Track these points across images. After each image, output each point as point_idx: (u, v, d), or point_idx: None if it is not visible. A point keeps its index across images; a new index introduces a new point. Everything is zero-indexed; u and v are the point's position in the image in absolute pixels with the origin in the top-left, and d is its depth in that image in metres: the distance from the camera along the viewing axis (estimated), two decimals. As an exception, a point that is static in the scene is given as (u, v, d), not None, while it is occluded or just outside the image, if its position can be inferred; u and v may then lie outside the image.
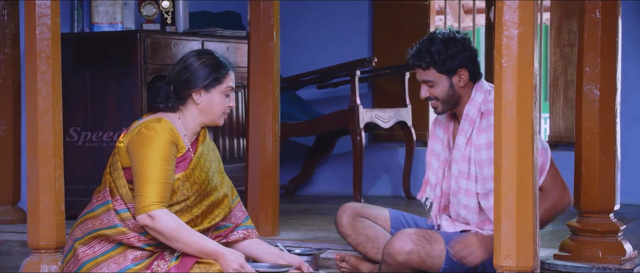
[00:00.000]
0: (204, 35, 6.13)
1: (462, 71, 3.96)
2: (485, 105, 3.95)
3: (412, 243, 3.82)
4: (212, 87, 3.69)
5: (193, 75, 3.67)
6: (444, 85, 3.97)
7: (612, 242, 4.27)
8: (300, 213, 6.22)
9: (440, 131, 4.14)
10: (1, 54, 5.52)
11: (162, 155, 3.55)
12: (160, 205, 3.53)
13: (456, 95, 3.99)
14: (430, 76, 3.97)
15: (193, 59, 3.70)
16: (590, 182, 4.26)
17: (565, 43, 7.03)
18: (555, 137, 7.13)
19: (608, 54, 4.24)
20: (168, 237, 3.53)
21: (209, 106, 3.70)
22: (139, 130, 3.59)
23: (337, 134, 7.21)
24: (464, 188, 3.96)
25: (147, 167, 3.52)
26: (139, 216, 3.53)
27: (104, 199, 3.64)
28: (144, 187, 3.51)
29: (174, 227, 3.53)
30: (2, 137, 5.53)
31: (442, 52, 3.93)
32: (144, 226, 3.54)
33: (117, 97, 5.67)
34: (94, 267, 3.55)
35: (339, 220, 4.27)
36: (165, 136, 3.57)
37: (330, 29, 7.53)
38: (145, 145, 3.55)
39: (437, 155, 4.13)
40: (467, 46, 3.98)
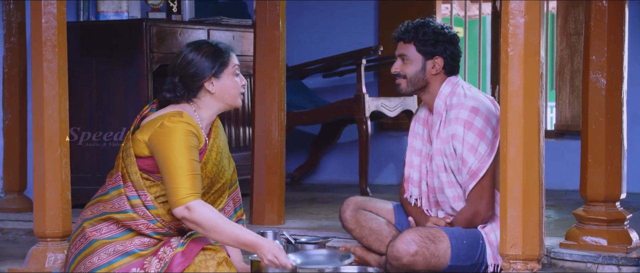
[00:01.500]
0: (210, 23, 6.12)
1: (438, 59, 4.01)
2: (450, 99, 3.97)
3: (416, 245, 3.81)
4: (221, 72, 3.72)
5: (199, 68, 3.70)
6: (417, 65, 4.01)
7: (618, 230, 4.27)
8: (306, 201, 6.22)
9: (419, 126, 4.15)
10: (7, 43, 5.52)
11: (188, 147, 3.58)
12: (195, 196, 3.55)
13: (424, 80, 4.02)
14: (408, 51, 4.02)
15: (193, 54, 3.73)
16: (596, 170, 4.25)
17: (571, 31, 7.01)
18: (561, 125, 7.12)
19: (615, 43, 4.23)
20: (206, 228, 3.55)
21: (224, 91, 3.74)
22: (161, 124, 3.60)
23: (343, 123, 7.20)
24: (446, 181, 3.96)
25: (176, 160, 3.55)
26: (175, 209, 3.55)
27: (116, 183, 3.66)
28: (176, 181, 3.54)
29: (212, 217, 3.56)
30: (8, 126, 5.54)
31: (428, 33, 4.00)
32: (182, 218, 3.56)
33: (123, 86, 5.68)
34: (100, 247, 3.56)
35: (343, 215, 4.27)
36: (188, 128, 3.60)
37: (336, 18, 7.52)
38: (170, 139, 3.57)
39: (418, 152, 4.14)
40: (453, 42, 4.04)
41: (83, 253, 3.58)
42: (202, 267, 3.51)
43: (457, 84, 4.01)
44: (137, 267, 3.53)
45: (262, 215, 5.02)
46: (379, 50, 6.57)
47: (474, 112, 3.88)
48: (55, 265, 4.26)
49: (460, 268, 3.88)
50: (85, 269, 3.54)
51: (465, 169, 3.87)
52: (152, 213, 3.61)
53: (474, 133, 3.86)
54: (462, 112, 3.89)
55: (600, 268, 4.15)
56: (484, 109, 3.90)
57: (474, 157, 3.85)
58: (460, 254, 3.85)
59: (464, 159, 3.86)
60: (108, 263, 3.53)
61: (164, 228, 3.63)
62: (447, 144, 3.92)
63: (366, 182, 6.42)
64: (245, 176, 5.46)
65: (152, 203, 3.61)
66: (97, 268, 3.52)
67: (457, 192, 3.95)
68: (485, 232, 3.92)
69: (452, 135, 3.89)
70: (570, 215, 4.53)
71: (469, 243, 3.87)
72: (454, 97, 3.95)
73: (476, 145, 3.85)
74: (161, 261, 3.52)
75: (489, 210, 3.90)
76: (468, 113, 3.88)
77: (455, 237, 3.86)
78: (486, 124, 3.87)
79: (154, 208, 3.62)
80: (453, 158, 3.90)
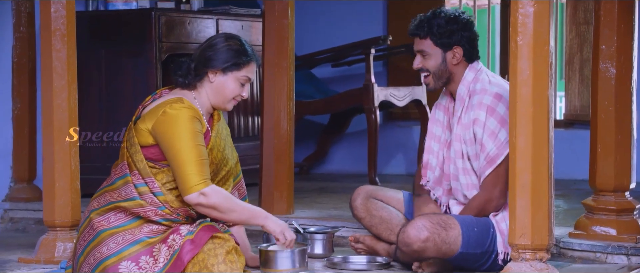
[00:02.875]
0: (219, 13, 6.12)
1: (457, 49, 3.98)
2: (474, 84, 3.96)
3: (427, 231, 3.81)
4: (230, 71, 3.74)
5: (215, 55, 3.72)
6: (436, 58, 3.99)
7: (628, 220, 4.26)
8: (314, 191, 6.23)
9: (440, 113, 4.13)
10: (16, 32, 5.53)
11: (193, 133, 3.59)
12: (207, 182, 3.59)
13: (448, 72, 4.00)
14: (426, 47, 4.00)
15: (220, 39, 3.77)
16: (605, 160, 4.25)
17: (581, 21, 7.00)
18: (570, 115, 7.11)
19: (624, 32, 4.22)
20: (224, 209, 3.61)
21: (221, 88, 3.74)
22: (163, 112, 3.61)
23: (351, 113, 7.20)
24: (461, 167, 3.96)
25: (182, 147, 3.57)
26: (189, 196, 3.57)
27: (123, 172, 3.67)
28: (185, 168, 3.56)
29: (226, 196, 3.64)
30: (17, 115, 5.55)
31: (442, 25, 3.97)
32: (197, 205, 3.59)
33: (132, 76, 5.68)
34: (109, 237, 3.57)
35: (353, 204, 4.28)
36: (191, 113, 3.61)
37: (345, 7, 7.51)
38: (174, 126, 3.59)
39: (437, 138, 4.13)
40: (468, 27, 4.01)
41: (92, 244, 3.59)
42: (211, 255, 3.52)
43: (480, 71, 4.00)
44: (146, 254, 3.54)
45: (271, 205, 5.02)
46: (388, 40, 6.55)
47: (497, 99, 3.87)
48: (65, 255, 4.28)
49: (470, 256, 3.88)
50: (94, 260, 3.55)
51: (483, 155, 3.86)
52: (160, 199, 3.62)
53: (496, 119, 3.84)
54: (485, 97, 3.88)
55: (610, 258, 4.14)
56: (508, 97, 3.89)
57: (493, 143, 3.84)
58: (471, 241, 3.85)
59: (483, 144, 3.85)
60: (117, 252, 3.54)
61: (172, 215, 3.64)
62: (467, 130, 3.91)
63: (375, 172, 6.42)
64: (254, 166, 5.47)
65: (160, 189, 3.62)
66: (106, 257, 3.53)
67: (472, 179, 3.94)
68: (497, 220, 3.91)
69: (474, 120, 3.87)
70: (580, 204, 4.53)
71: (479, 231, 3.87)
72: (477, 83, 3.94)
73: (497, 132, 3.84)
74: (170, 248, 3.53)
75: (501, 197, 3.89)
76: (491, 99, 3.87)
77: (466, 225, 3.86)
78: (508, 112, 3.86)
79: (161, 194, 3.63)
80: (472, 144, 3.89)
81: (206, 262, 3.51)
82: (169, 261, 3.51)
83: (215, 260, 3.52)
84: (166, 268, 3.50)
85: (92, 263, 3.55)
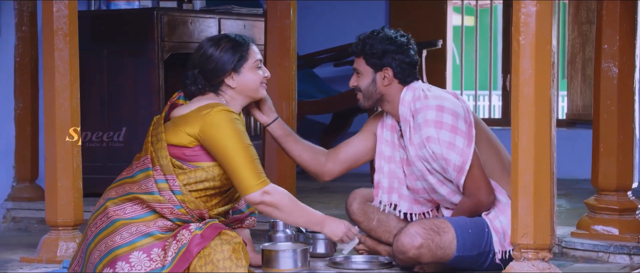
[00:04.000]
0: (221, 13, 6.12)
1: (387, 70, 3.96)
2: (414, 104, 3.91)
3: (421, 238, 3.79)
4: (241, 67, 3.76)
5: (218, 63, 3.74)
6: (368, 78, 3.98)
7: (630, 220, 4.26)
8: (316, 191, 6.23)
9: (387, 133, 4.10)
10: (19, 32, 5.53)
11: (241, 134, 3.64)
12: (267, 181, 3.65)
13: (377, 93, 3.98)
14: (359, 65, 4.00)
15: (212, 49, 3.76)
16: (608, 159, 4.24)
17: (583, 20, 6.99)
18: (573, 115, 7.11)
19: (627, 32, 4.22)
20: (286, 208, 3.67)
21: (244, 85, 3.78)
22: (208, 114, 3.64)
23: (353, 112, 7.19)
24: (435, 181, 3.92)
25: (236, 149, 3.61)
26: (252, 195, 3.62)
27: (145, 166, 3.69)
28: (243, 170, 3.61)
29: (289, 195, 3.70)
30: (20, 115, 5.55)
31: (374, 45, 3.96)
32: (260, 203, 3.64)
33: (134, 75, 5.68)
34: (122, 227, 3.58)
35: (350, 208, 4.26)
36: (233, 115, 3.67)
37: (347, 7, 7.51)
38: (223, 130, 3.62)
39: (387, 158, 4.10)
40: (403, 50, 3.96)
41: (104, 232, 3.60)
42: (217, 251, 3.53)
43: (417, 89, 3.96)
44: (158, 247, 3.55)
45: (273, 204, 5.01)
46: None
47: (440, 110, 3.84)
48: (67, 254, 4.28)
49: (467, 258, 3.86)
50: (106, 248, 3.55)
51: (451, 167, 3.83)
52: (178, 198, 3.64)
53: (447, 130, 3.82)
54: (428, 113, 3.85)
55: (612, 258, 4.14)
56: (449, 104, 3.87)
57: (455, 152, 3.82)
58: (466, 244, 3.83)
59: (446, 158, 3.83)
60: (131, 242, 3.55)
61: (187, 216, 3.66)
62: (423, 149, 3.87)
63: (377, 171, 6.40)
64: (256, 165, 5.46)
65: (179, 189, 3.64)
66: (119, 246, 3.54)
67: (450, 187, 3.92)
68: (490, 219, 3.90)
69: (427, 138, 3.84)
70: (582, 204, 4.52)
71: (474, 232, 3.85)
72: (417, 102, 3.90)
73: (453, 141, 3.82)
74: (179, 242, 3.55)
75: (489, 196, 3.88)
76: (435, 112, 3.84)
77: (460, 227, 3.84)
78: (455, 118, 3.84)
79: (180, 194, 3.64)
80: (434, 160, 3.86)
81: (212, 257, 3.52)
82: (177, 253, 3.53)
83: (221, 256, 3.53)
84: (175, 261, 3.52)
85: (103, 250, 3.56)
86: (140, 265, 3.51)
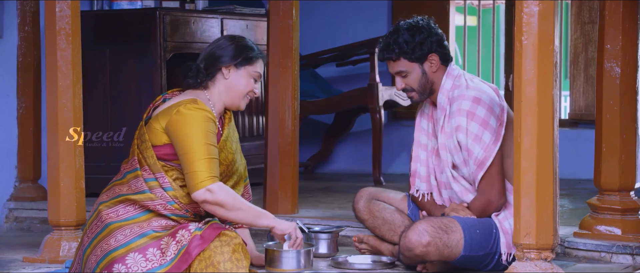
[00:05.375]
0: (223, 12, 6.12)
1: (433, 56, 3.96)
2: (452, 92, 3.93)
3: (429, 236, 3.80)
4: (242, 66, 3.78)
5: (225, 51, 3.78)
6: (416, 73, 3.96)
7: (633, 220, 4.26)
8: (319, 191, 6.23)
9: (425, 122, 4.11)
10: (21, 32, 5.53)
11: (205, 132, 3.62)
12: (214, 179, 3.61)
13: (430, 82, 3.98)
14: (402, 66, 3.97)
15: (225, 39, 3.83)
16: (610, 159, 4.24)
17: (586, 20, 6.99)
18: (575, 115, 7.11)
19: (629, 31, 4.22)
20: (230, 207, 3.62)
21: (235, 83, 3.78)
22: (177, 111, 3.63)
23: (356, 112, 7.20)
24: (451, 176, 3.94)
25: (193, 145, 3.59)
26: (196, 193, 3.59)
27: (133, 167, 3.70)
28: (194, 165, 3.59)
29: (233, 195, 3.65)
30: (22, 115, 5.55)
31: (409, 40, 3.94)
32: (203, 202, 3.61)
33: (137, 75, 5.68)
34: (117, 230, 3.58)
35: (356, 206, 4.27)
36: (205, 114, 3.64)
37: (349, 6, 7.51)
38: (187, 125, 3.61)
39: (424, 146, 4.11)
40: (433, 31, 3.97)
41: (99, 236, 3.60)
42: (217, 252, 3.53)
43: (458, 77, 3.97)
44: (154, 247, 3.55)
45: (275, 204, 5.02)
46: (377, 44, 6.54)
47: (475, 102, 3.85)
48: (69, 254, 4.28)
49: (473, 258, 3.87)
50: (102, 252, 3.56)
51: (472, 160, 3.84)
52: (170, 194, 3.64)
53: (477, 122, 3.83)
54: (464, 102, 3.86)
55: (615, 258, 4.14)
56: (487, 98, 3.88)
57: (479, 146, 3.83)
58: (473, 244, 3.84)
59: (469, 150, 3.84)
60: (126, 244, 3.55)
61: (181, 210, 3.66)
62: (451, 138, 3.89)
63: (379, 171, 6.42)
64: (258, 165, 5.47)
65: (170, 185, 3.65)
66: (114, 249, 3.54)
67: (464, 185, 3.93)
68: (499, 220, 3.91)
69: (456, 127, 3.86)
70: (585, 204, 4.52)
71: (482, 233, 3.86)
72: (456, 90, 3.92)
73: (480, 135, 3.83)
74: (179, 243, 3.55)
75: (501, 197, 3.88)
76: (470, 103, 3.85)
77: (468, 227, 3.85)
78: (489, 113, 3.85)
79: (171, 189, 3.65)
80: (457, 152, 3.88)
81: (212, 259, 3.52)
82: (176, 255, 3.53)
83: (221, 258, 3.53)
84: (174, 262, 3.52)
85: (99, 255, 3.56)
86: (137, 265, 3.51)
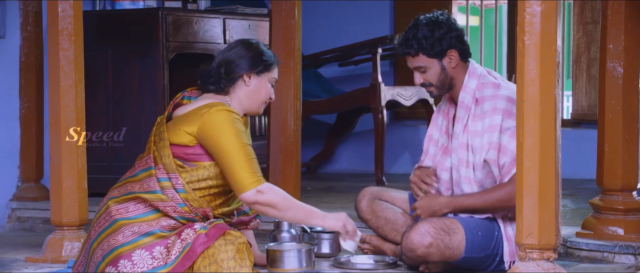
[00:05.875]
0: (226, 12, 6.13)
1: (452, 52, 3.93)
2: (480, 92, 3.91)
3: (430, 237, 3.79)
4: (262, 73, 3.82)
5: (246, 59, 3.80)
6: (435, 69, 3.94)
7: (635, 220, 4.26)
8: (321, 191, 6.23)
9: (440, 118, 4.10)
10: (24, 32, 5.54)
11: (239, 133, 3.65)
12: (262, 180, 3.65)
13: (449, 77, 3.95)
14: (421, 62, 3.95)
15: (244, 47, 3.84)
16: (613, 159, 4.24)
17: (588, 20, 6.99)
18: (577, 115, 7.10)
19: (632, 31, 4.21)
20: (281, 207, 3.66)
21: (257, 90, 3.82)
22: (208, 113, 3.66)
23: (358, 112, 7.20)
24: (464, 176, 3.92)
25: (232, 148, 3.63)
26: (245, 194, 3.62)
27: (147, 165, 3.70)
28: (238, 169, 3.62)
29: (284, 195, 3.69)
30: (25, 115, 5.56)
31: (428, 36, 3.91)
32: (254, 203, 3.64)
33: (139, 75, 5.68)
34: (125, 226, 3.59)
35: (359, 205, 4.27)
36: (234, 115, 3.68)
37: (351, 7, 7.51)
38: (224, 128, 3.64)
39: (435, 142, 4.10)
40: (453, 27, 3.94)
41: (106, 231, 3.60)
42: (221, 250, 3.54)
43: (483, 76, 3.94)
44: (161, 245, 3.56)
45: (277, 204, 5.01)
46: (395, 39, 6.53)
47: (510, 102, 3.82)
48: (72, 254, 4.28)
49: (474, 260, 3.86)
50: (108, 247, 3.56)
51: (508, 156, 3.79)
52: (181, 196, 3.64)
53: (513, 120, 3.81)
54: (499, 102, 3.84)
55: (617, 258, 4.14)
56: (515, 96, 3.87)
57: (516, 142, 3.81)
58: (475, 246, 3.83)
59: (506, 147, 3.79)
60: (133, 240, 3.56)
61: (191, 214, 3.66)
62: (481, 137, 3.86)
63: (382, 171, 6.42)
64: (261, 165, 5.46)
65: (182, 187, 3.65)
66: (121, 245, 3.55)
67: (472, 188, 3.91)
68: (504, 225, 3.89)
69: (491, 126, 3.82)
70: (587, 204, 4.52)
71: (484, 235, 3.86)
72: (485, 89, 3.89)
73: None
74: (183, 241, 3.56)
75: None
76: (505, 102, 3.83)
77: (470, 229, 3.84)
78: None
79: (183, 192, 3.65)
80: (483, 150, 3.84)
81: (216, 257, 3.53)
82: (181, 252, 3.54)
83: (225, 256, 3.53)
84: (178, 260, 3.53)
85: (106, 249, 3.57)
86: (143, 263, 3.52)
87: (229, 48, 3.86)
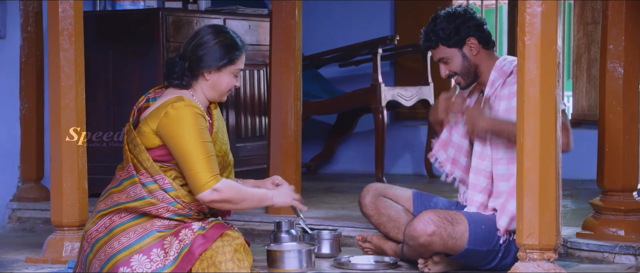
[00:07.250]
0: (226, 13, 6.13)
1: (471, 40, 4.00)
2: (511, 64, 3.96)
3: (434, 225, 3.81)
4: (224, 67, 3.75)
5: (208, 54, 3.73)
6: (457, 58, 4.02)
7: (636, 220, 4.25)
8: (321, 191, 6.23)
9: None
10: (24, 32, 5.54)
11: (198, 131, 3.62)
12: (217, 178, 3.62)
13: (473, 65, 4.02)
14: (442, 53, 4.03)
15: (210, 37, 3.75)
16: (613, 160, 4.24)
17: (588, 20, 6.99)
18: (578, 115, 7.10)
19: (632, 32, 4.21)
20: (237, 200, 3.66)
21: (217, 84, 3.77)
22: (165, 112, 3.62)
23: (359, 112, 7.20)
24: (474, 166, 3.95)
25: (189, 146, 3.60)
26: (202, 194, 3.59)
27: (129, 173, 3.68)
28: (195, 166, 3.59)
29: (238, 188, 3.68)
30: (25, 115, 5.56)
31: (446, 27, 4.00)
32: (211, 202, 3.62)
33: (139, 76, 5.68)
34: (121, 232, 3.58)
35: (362, 201, 4.28)
36: (194, 111, 3.63)
37: (352, 7, 7.51)
38: (180, 126, 3.61)
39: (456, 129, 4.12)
40: (470, 16, 4.03)
41: (102, 240, 3.59)
42: (219, 252, 3.53)
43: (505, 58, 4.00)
44: (157, 247, 3.55)
45: (278, 204, 5.01)
46: (395, 40, 6.55)
47: None
48: (72, 254, 4.28)
49: (476, 253, 3.88)
50: (105, 256, 3.56)
51: None
52: (172, 195, 3.64)
53: None
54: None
55: (618, 258, 4.14)
56: None
57: None
58: (478, 238, 3.86)
59: None
60: (129, 246, 3.55)
61: (184, 210, 3.66)
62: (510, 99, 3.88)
63: (382, 172, 6.41)
64: (261, 165, 5.47)
65: (171, 185, 3.64)
66: (118, 252, 3.54)
67: (479, 181, 3.95)
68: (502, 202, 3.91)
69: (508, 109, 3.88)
70: (587, 204, 4.52)
71: (487, 228, 3.88)
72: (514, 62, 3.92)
73: None
74: (181, 242, 3.55)
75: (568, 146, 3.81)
76: None
77: (474, 221, 3.87)
78: None
79: (172, 190, 3.64)
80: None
81: (214, 259, 3.52)
82: (179, 254, 3.53)
83: (223, 258, 3.53)
84: (177, 262, 3.52)
85: (103, 259, 3.56)
86: (141, 267, 3.51)
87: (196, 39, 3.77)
